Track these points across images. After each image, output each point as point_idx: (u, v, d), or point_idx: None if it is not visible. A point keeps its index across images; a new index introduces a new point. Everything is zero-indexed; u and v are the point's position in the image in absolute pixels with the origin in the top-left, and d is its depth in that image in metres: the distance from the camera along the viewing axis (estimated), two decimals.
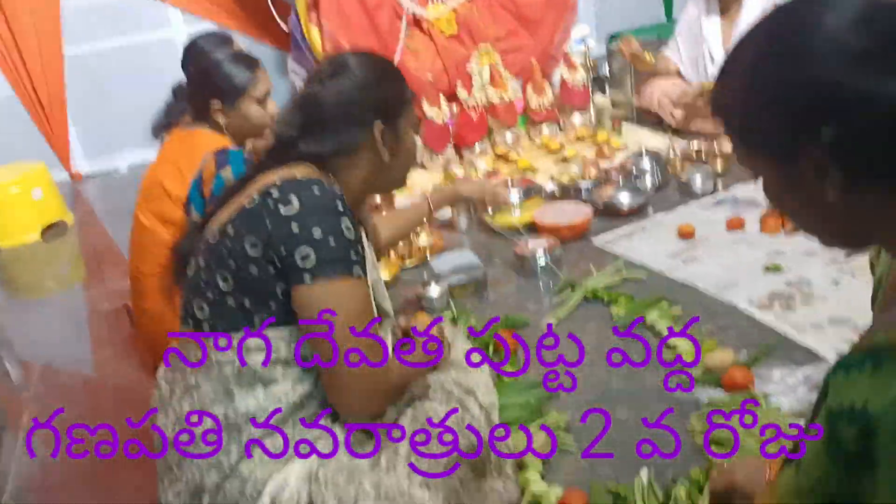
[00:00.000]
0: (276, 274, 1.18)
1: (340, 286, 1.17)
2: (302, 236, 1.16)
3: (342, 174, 1.34)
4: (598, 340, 2.03)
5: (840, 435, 0.69)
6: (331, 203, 1.20)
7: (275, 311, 1.20)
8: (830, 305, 1.97)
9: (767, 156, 0.82)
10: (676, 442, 1.58)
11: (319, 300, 1.16)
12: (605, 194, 2.81)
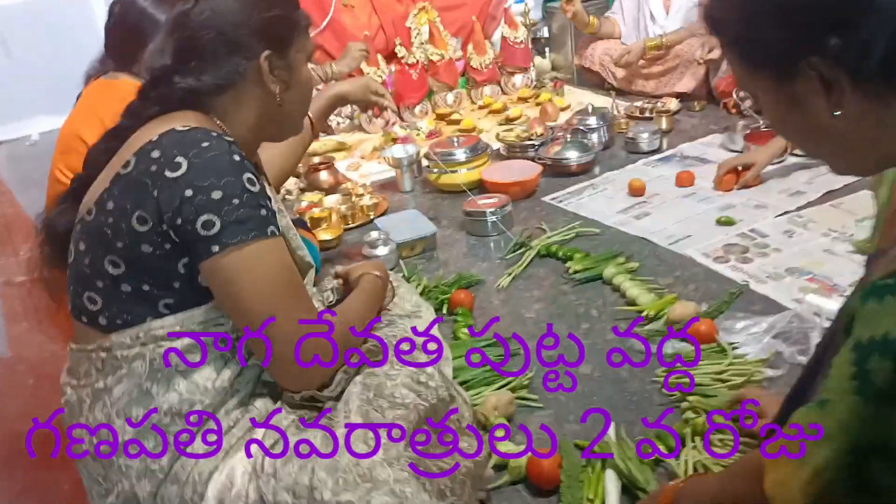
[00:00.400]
0: (174, 249, 1.00)
1: (256, 250, 0.99)
2: (199, 202, 0.97)
3: (230, 118, 1.12)
4: (555, 296, 1.97)
5: (870, 369, 0.63)
6: (226, 156, 1.01)
7: (180, 292, 1.03)
8: (786, 256, 1.96)
9: (768, 74, 0.77)
10: (644, 396, 1.53)
11: (235, 270, 0.99)
12: (553, 152, 2.74)
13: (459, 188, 2.68)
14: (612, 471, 1.32)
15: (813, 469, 0.68)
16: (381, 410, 1.05)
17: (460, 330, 1.82)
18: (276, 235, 1.02)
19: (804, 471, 0.68)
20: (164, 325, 1.02)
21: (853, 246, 1.93)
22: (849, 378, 0.65)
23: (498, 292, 2.02)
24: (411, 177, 2.81)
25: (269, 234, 1.01)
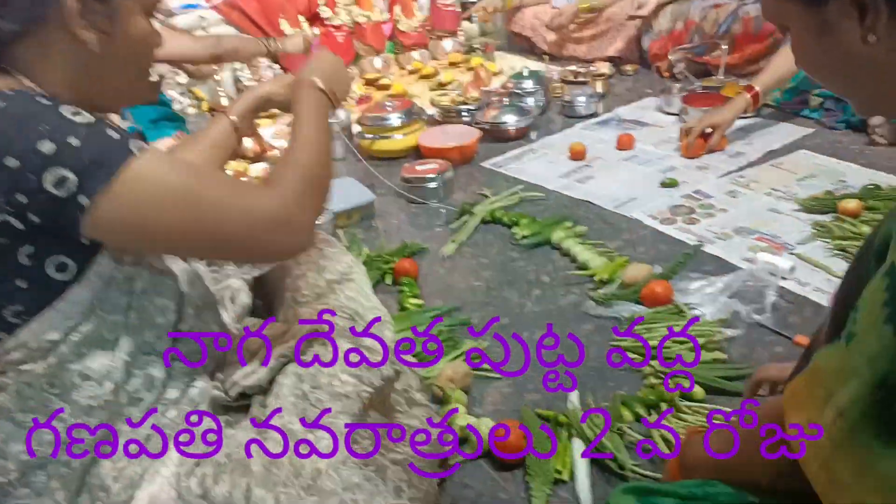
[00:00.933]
0: (15, 235, 0.78)
1: (132, 176, 0.79)
2: (33, 165, 0.75)
3: (38, 74, 0.87)
4: (503, 262, 1.89)
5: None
6: (31, 105, 0.79)
7: (29, 293, 0.80)
8: (732, 216, 1.94)
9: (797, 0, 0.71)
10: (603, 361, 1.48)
11: (129, 209, 0.79)
12: (490, 116, 2.66)
13: (394, 154, 2.56)
14: (579, 440, 1.26)
15: (837, 409, 0.61)
16: (319, 405, 0.90)
17: (407, 300, 1.72)
18: (144, 148, 0.82)
19: (829, 411, 0.62)
20: (20, 342, 0.81)
21: (798, 204, 1.94)
22: (881, 306, 0.59)
23: (443, 260, 1.93)
24: (343, 143, 2.66)
25: (135, 152, 0.80)
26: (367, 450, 0.88)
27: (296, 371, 0.94)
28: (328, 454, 0.83)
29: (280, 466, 0.82)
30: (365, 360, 0.98)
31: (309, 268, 1.27)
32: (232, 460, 0.84)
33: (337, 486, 0.81)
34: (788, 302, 1.57)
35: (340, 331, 1.02)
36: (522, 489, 1.20)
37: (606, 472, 1.21)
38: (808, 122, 2.45)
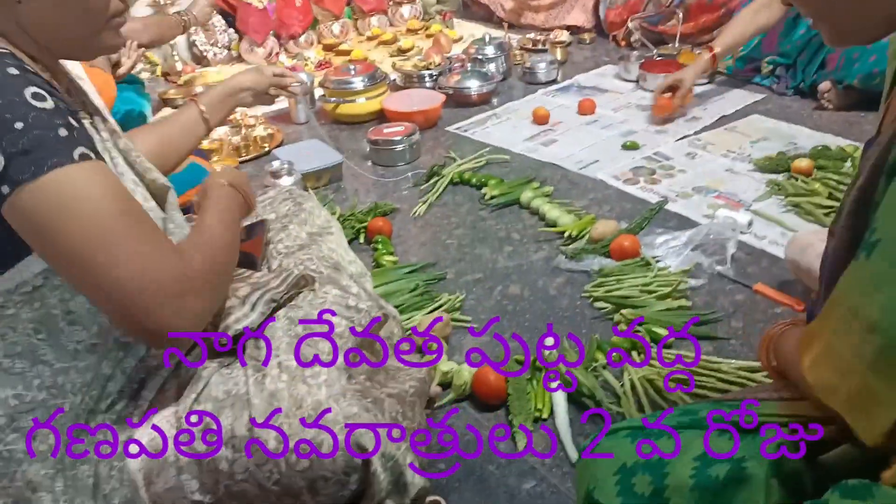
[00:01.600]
0: None
1: (59, 180, 0.75)
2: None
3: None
4: (474, 221, 1.93)
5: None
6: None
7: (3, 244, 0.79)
8: (691, 176, 2.03)
9: None
10: (575, 311, 1.54)
11: (39, 211, 0.75)
12: (453, 81, 2.68)
13: (358, 119, 2.57)
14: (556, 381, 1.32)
15: (868, 323, 0.59)
16: (313, 344, 0.93)
17: (382, 257, 1.75)
18: (89, 158, 0.78)
19: (855, 330, 0.60)
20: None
21: (753, 164, 2.03)
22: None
23: (415, 220, 1.96)
24: (306, 107, 2.65)
25: (76, 159, 0.76)
26: (364, 384, 0.91)
27: (287, 314, 0.96)
28: (327, 388, 0.86)
29: (281, 399, 0.84)
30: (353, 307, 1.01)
31: (291, 220, 1.29)
32: (231, 395, 0.86)
33: (337, 416, 0.83)
34: (747, 254, 1.66)
35: (326, 279, 1.05)
36: (505, 427, 1.26)
37: (583, 408, 1.27)
38: (759, 88, 2.55)
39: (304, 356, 0.89)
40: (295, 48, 3.34)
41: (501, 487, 1.15)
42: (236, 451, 0.82)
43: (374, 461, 0.82)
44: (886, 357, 0.58)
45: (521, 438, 1.22)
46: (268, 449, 0.81)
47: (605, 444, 0.81)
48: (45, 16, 0.83)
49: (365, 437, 0.82)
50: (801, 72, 2.40)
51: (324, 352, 0.90)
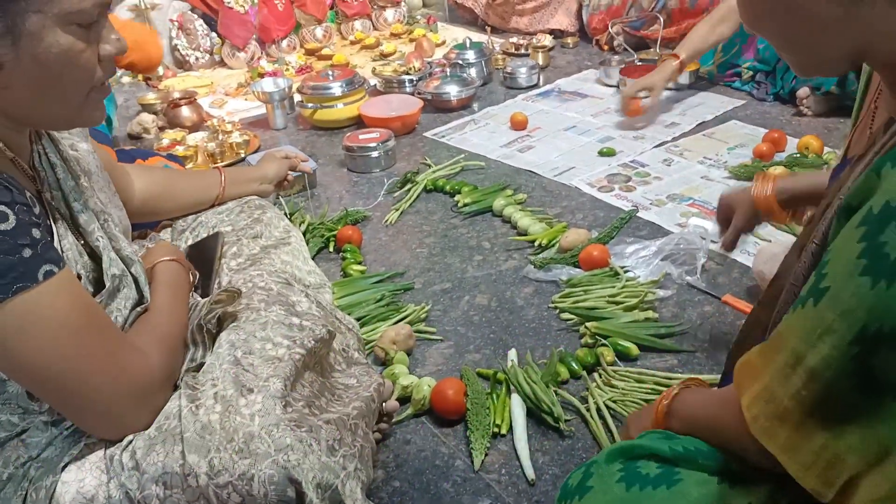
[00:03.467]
0: None
1: (23, 305, 0.74)
2: None
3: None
4: (445, 230, 1.91)
5: (885, 241, 0.55)
6: None
7: None
8: (666, 183, 2.00)
9: None
10: (542, 322, 1.52)
11: (8, 335, 0.75)
12: (433, 87, 2.66)
13: (336, 124, 2.55)
14: (517, 396, 1.29)
15: (808, 372, 0.59)
16: (252, 369, 0.90)
17: (349, 267, 1.73)
18: (53, 273, 0.77)
19: (796, 376, 0.60)
20: None
21: (728, 171, 2.01)
22: (855, 258, 0.57)
23: (386, 228, 1.94)
24: (283, 113, 2.64)
25: (40, 279, 0.75)
26: (301, 411, 0.88)
27: (229, 338, 0.94)
28: (261, 418, 0.83)
29: (213, 432, 0.82)
30: (299, 323, 0.99)
31: (244, 235, 1.27)
32: (163, 431, 0.84)
33: (269, 448, 0.81)
34: (718, 264, 1.64)
35: (274, 296, 1.03)
36: (463, 443, 1.24)
37: (543, 426, 1.25)
38: (739, 94, 2.53)
39: (240, 384, 0.86)
40: (277, 52, 3.32)
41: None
42: (167, 488, 0.80)
43: (308, 493, 0.80)
44: (824, 405, 0.59)
45: (478, 455, 1.20)
46: (199, 484, 0.79)
47: (596, 481, 0.75)
48: (23, 97, 0.80)
49: (297, 470, 0.79)
50: (780, 78, 2.38)
51: (261, 377, 0.88)
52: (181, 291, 1.03)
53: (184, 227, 1.26)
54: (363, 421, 0.95)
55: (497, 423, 1.25)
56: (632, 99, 2.36)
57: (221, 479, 0.78)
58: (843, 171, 0.75)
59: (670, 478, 0.72)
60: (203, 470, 0.79)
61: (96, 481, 0.82)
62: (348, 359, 1.19)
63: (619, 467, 0.74)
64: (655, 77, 2.33)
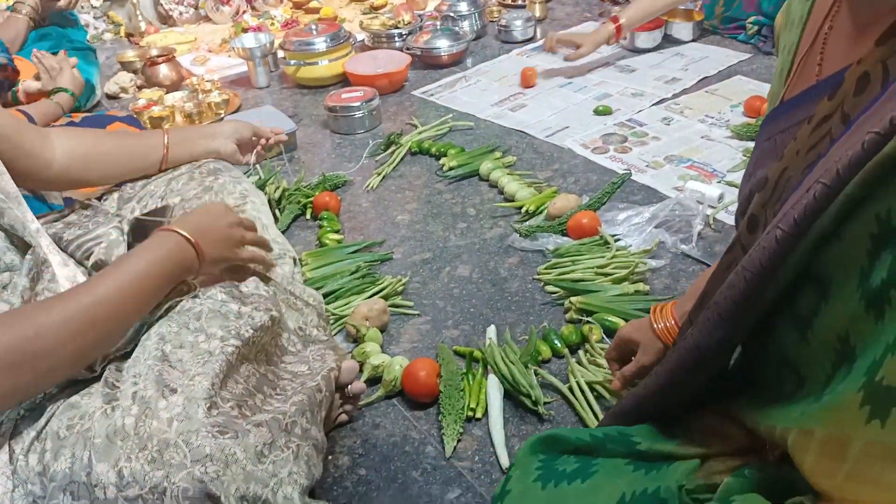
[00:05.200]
0: None
1: None
2: None
3: None
4: (429, 195, 1.81)
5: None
6: None
7: None
8: (664, 144, 1.89)
9: None
10: (525, 295, 1.43)
11: None
12: (422, 41, 2.53)
13: (320, 82, 2.43)
14: (494, 377, 1.21)
15: None
16: (179, 365, 0.81)
17: (325, 236, 1.64)
18: None
19: None
20: None
21: (730, 131, 1.89)
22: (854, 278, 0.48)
23: (367, 194, 1.84)
24: (266, 70, 2.52)
25: None
26: (228, 414, 0.79)
27: (159, 330, 0.85)
28: (180, 423, 0.75)
29: (125, 437, 0.73)
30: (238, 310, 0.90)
31: (192, 205, 1.16)
32: (73, 433, 0.76)
33: (185, 458, 0.72)
34: (716, 231, 1.54)
35: (215, 277, 0.94)
36: (436, 427, 1.16)
37: (521, 409, 1.17)
38: (744, 47, 2.39)
39: (163, 383, 0.78)
40: (263, 6, 3.18)
41: (423, 497, 1.06)
42: (75, 498, 0.72)
43: None
44: None
45: (450, 441, 1.12)
46: (107, 496, 0.71)
47: (514, 481, 0.72)
48: None
49: (216, 483, 0.71)
50: None
51: (188, 375, 0.79)
52: (143, 280, 0.84)
53: (131, 194, 1.16)
54: (304, 417, 0.86)
55: (472, 406, 1.17)
56: (555, 43, 2.30)
57: (131, 492, 0.70)
58: (780, 117, 0.66)
59: (586, 471, 0.69)
60: (111, 480, 0.71)
61: (1, 488, 0.75)
62: (305, 338, 1.11)
63: (538, 464, 0.71)
64: (588, 39, 2.26)
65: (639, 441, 0.71)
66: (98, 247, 1.06)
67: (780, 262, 0.54)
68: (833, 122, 0.55)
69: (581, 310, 1.34)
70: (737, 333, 0.62)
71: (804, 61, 0.68)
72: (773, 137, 0.69)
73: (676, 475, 0.68)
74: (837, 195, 0.49)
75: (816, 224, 0.51)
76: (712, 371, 0.68)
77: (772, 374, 0.65)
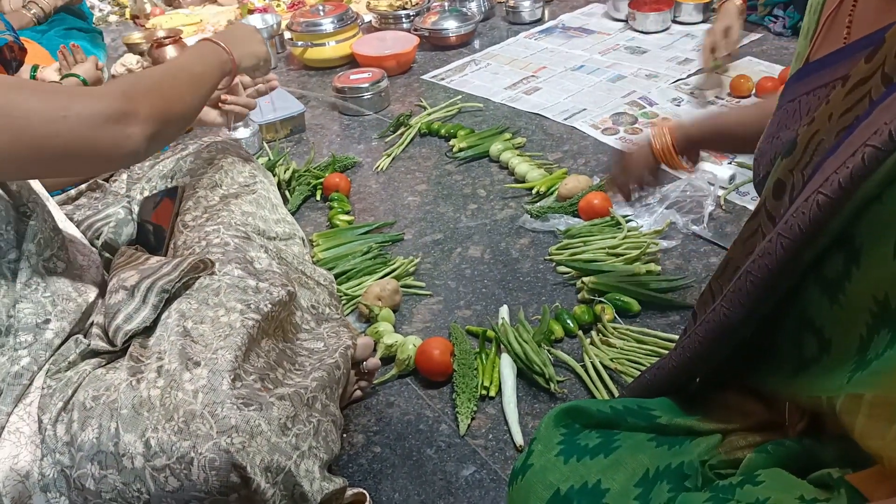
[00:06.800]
0: None
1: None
2: None
3: None
4: (439, 176, 1.81)
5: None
6: None
7: None
8: None
9: None
10: (537, 275, 1.43)
11: None
12: (430, 22, 2.51)
13: (328, 63, 2.42)
14: (507, 356, 1.22)
15: None
16: (202, 339, 0.82)
17: (336, 217, 1.64)
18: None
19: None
20: None
21: None
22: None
23: (377, 175, 1.84)
24: (273, 52, 2.51)
25: None
26: (252, 386, 0.80)
27: (179, 307, 0.86)
28: (205, 395, 0.75)
29: (151, 409, 0.74)
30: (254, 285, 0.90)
31: (202, 184, 1.16)
32: (100, 403, 0.76)
33: (211, 429, 0.73)
34: (727, 211, 1.54)
35: (231, 253, 0.94)
36: (449, 406, 1.17)
37: (534, 387, 1.18)
38: (755, 27, 2.37)
39: (186, 357, 0.78)
40: None
41: (438, 474, 1.06)
42: (102, 467, 0.73)
43: (255, 478, 0.72)
44: None
45: (464, 419, 1.13)
46: (134, 466, 0.72)
47: (536, 455, 0.70)
48: None
49: (241, 454, 0.72)
50: (799, 10, 2.22)
51: (210, 349, 0.80)
52: (204, 66, 1.01)
53: (139, 175, 1.16)
54: (323, 393, 0.87)
55: (485, 384, 1.18)
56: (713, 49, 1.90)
57: (158, 462, 0.71)
58: (805, 78, 0.65)
59: (608, 446, 0.68)
60: (139, 450, 0.72)
61: (31, 456, 0.75)
62: (318, 316, 1.12)
63: (560, 438, 0.70)
64: (730, 13, 1.90)
65: (659, 415, 0.71)
66: (107, 226, 1.07)
67: (822, 227, 0.53)
68: (873, 84, 0.54)
69: (593, 290, 1.34)
70: (769, 302, 0.61)
71: (831, 21, 0.67)
72: (797, 99, 0.68)
73: (699, 450, 0.68)
74: (888, 158, 0.49)
75: (862, 188, 0.51)
76: (737, 342, 0.67)
77: (787, 339, 0.64)
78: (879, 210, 0.51)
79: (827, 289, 0.56)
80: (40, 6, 2.33)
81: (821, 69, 0.65)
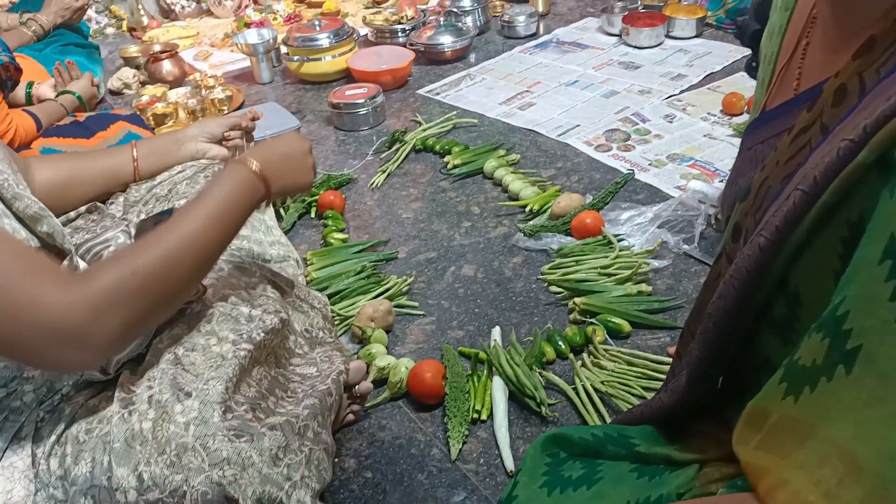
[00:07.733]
0: None
1: None
2: None
3: None
4: (433, 193, 1.82)
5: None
6: None
7: None
8: (667, 142, 1.89)
9: None
10: (530, 295, 1.44)
11: None
12: (426, 37, 2.53)
13: (324, 78, 2.44)
14: (499, 378, 1.23)
15: (854, 462, 0.43)
16: (192, 369, 0.82)
17: (330, 235, 1.65)
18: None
19: (833, 466, 0.44)
20: None
21: (732, 129, 1.90)
22: (888, 300, 0.42)
23: (371, 192, 1.85)
24: (269, 66, 2.52)
25: None
26: (243, 417, 0.81)
27: (171, 334, 0.86)
28: (196, 427, 0.76)
29: (144, 442, 0.75)
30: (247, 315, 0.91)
31: None
32: (93, 436, 0.77)
33: (203, 462, 0.74)
34: (718, 231, 1.55)
35: (224, 280, 0.95)
36: (441, 429, 1.18)
37: (525, 411, 1.18)
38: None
39: (178, 387, 0.79)
40: (265, 0, 3.17)
41: (429, 500, 1.07)
42: (96, 501, 0.74)
43: None
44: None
45: (456, 444, 1.13)
46: (128, 500, 0.72)
47: (520, 487, 0.71)
48: None
49: (234, 486, 0.73)
50: None
51: (202, 379, 0.80)
52: (226, 212, 0.84)
53: (136, 197, 1.16)
54: (315, 421, 0.88)
55: (477, 408, 1.19)
56: None
57: (151, 496, 0.72)
58: (761, 127, 0.67)
59: (591, 477, 0.69)
60: (132, 484, 0.73)
61: (24, 491, 0.76)
62: (311, 340, 1.12)
63: (544, 469, 0.71)
64: None
65: (638, 443, 0.72)
66: (107, 250, 1.07)
67: (764, 269, 0.55)
68: (812, 133, 0.56)
69: (585, 311, 1.35)
70: (732, 342, 0.63)
71: (784, 72, 0.69)
72: (753, 147, 0.70)
73: (677, 482, 0.70)
74: (815, 202, 0.50)
75: (795, 232, 0.52)
76: (714, 384, 0.69)
77: (751, 376, 0.66)
78: (810, 257, 0.52)
79: (778, 330, 0.58)
80: (40, 23, 2.35)
81: (774, 119, 0.68)
